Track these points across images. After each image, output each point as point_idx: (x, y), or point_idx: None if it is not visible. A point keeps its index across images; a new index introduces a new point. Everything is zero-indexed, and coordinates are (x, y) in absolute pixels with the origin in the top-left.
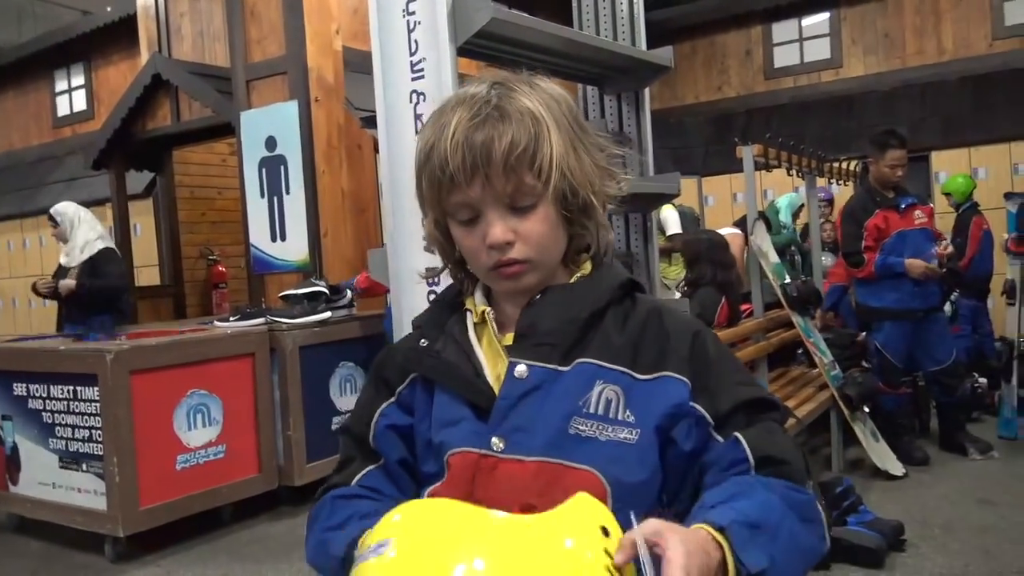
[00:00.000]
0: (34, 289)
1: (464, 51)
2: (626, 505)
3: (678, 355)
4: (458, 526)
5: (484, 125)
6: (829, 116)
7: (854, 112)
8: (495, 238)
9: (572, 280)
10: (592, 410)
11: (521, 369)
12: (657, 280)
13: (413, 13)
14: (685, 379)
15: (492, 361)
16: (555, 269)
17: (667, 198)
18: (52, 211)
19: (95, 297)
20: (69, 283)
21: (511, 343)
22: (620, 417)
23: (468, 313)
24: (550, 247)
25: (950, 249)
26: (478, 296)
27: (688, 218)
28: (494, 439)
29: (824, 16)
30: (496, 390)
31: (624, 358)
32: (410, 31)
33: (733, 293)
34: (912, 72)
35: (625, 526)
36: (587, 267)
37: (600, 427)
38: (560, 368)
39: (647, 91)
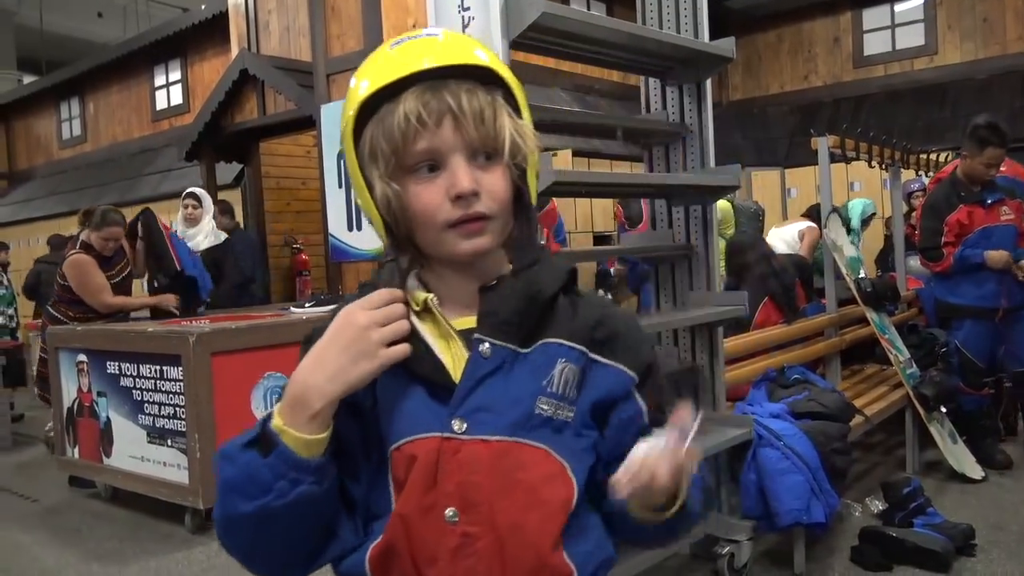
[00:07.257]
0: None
1: (517, 44)
2: (580, 478)
3: (634, 353)
4: None
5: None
6: (921, 106)
7: (948, 101)
8: (464, 185)
9: (515, 268)
10: (554, 389)
11: (485, 348)
12: (717, 275)
13: (468, 8)
14: (634, 375)
15: (442, 344)
16: (504, 231)
17: (727, 190)
18: (197, 191)
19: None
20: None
21: (468, 326)
22: (570, 395)
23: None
24: (507, 208)
25: None
26: (410, 282)
27: (745, 213)
28: (455, 421)
29: (918, 1)
30: (451, 371)
31: (582, 338)
32: (465, 26)
33: (782, 292)
34: (1013, 59)
35: None
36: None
37: (558, 407)
38: (521, 350)
39: (708, 82)
